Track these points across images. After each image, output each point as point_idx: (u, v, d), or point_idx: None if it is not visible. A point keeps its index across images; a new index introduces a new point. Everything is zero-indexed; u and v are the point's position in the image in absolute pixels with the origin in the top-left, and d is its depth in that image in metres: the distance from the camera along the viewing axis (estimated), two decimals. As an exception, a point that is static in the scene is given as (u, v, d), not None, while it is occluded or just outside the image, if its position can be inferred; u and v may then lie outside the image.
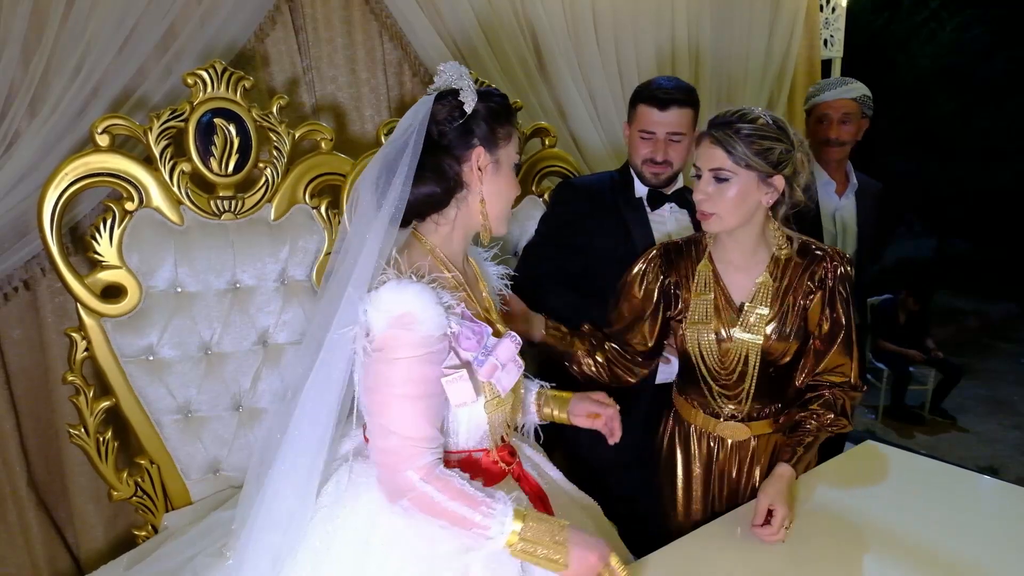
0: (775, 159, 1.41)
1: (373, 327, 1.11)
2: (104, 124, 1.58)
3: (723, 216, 1.44)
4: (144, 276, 1.63)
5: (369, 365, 1.13)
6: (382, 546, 1.15)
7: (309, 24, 2.27)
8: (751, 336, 1.51)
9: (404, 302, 1.10)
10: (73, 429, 1.63)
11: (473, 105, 1.19)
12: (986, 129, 7.25)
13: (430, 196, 1.20)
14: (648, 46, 2.90)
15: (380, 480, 1.15)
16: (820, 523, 1.43)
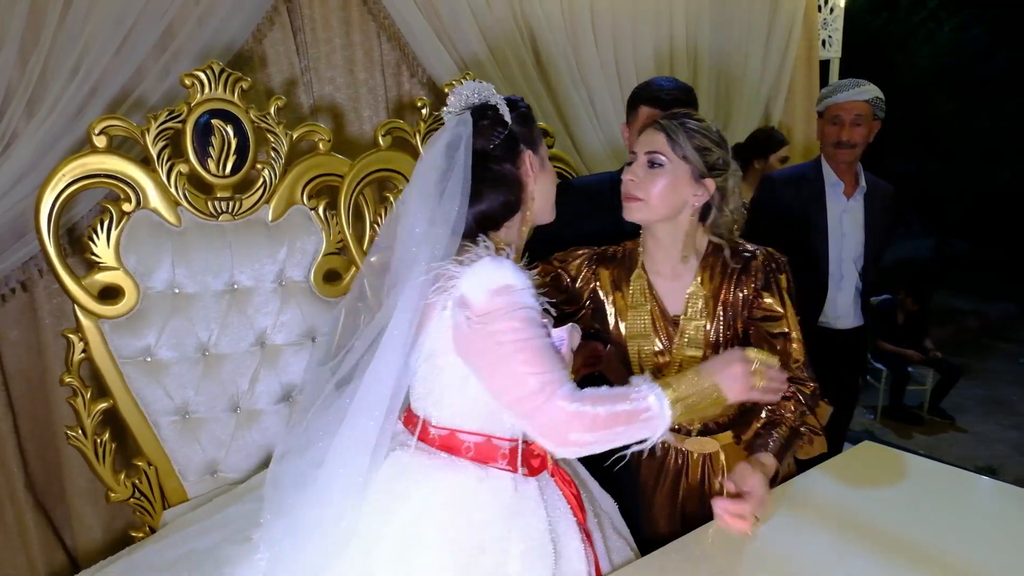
0: (711, 162, 1.40)
1: (472, 298, 1.13)
2: (101, 125, 1.58)
3: (649, 203, 1.40)
4: (141, 277, 1.63)
5: (476, 337, 1.13)
6: (433, 534, 1.16)
7: (307, 25, 2.27)
8: (693, 351, 1.46)
9: (503, 276, 1.14)
10: (70, 431, 1.62)
11: (511, 114, 1.25)
12: (985, 129, 7.25)
13: (505, 205, 1.25)
14: (646, 47, 2.91)
15: (538, 433, 1.15)
16: (817, 523, 1.42)
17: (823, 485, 1.58)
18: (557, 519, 1.26)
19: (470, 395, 1.20)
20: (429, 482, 1.19)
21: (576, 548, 1.26)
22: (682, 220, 1.44)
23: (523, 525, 1.20)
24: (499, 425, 1.24)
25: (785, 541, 1.36)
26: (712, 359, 1.26)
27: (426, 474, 1.20)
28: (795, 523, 1.43)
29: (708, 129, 1.41)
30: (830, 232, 2.31)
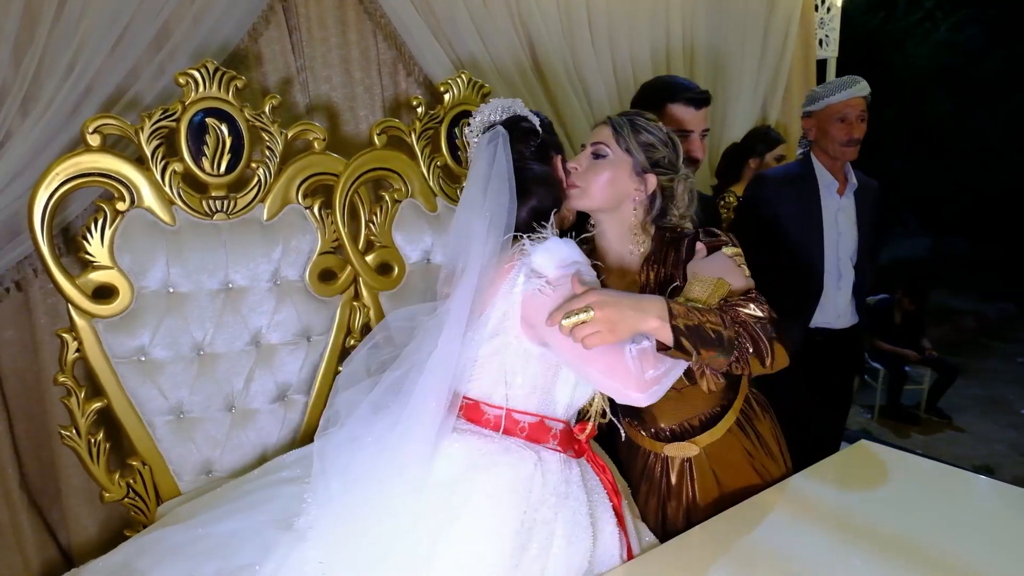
0: (655, 159, 1.44)
1: (545, 270, 1.23)
2: (95, 124, 1.57)
3: (587, 191, 1.43)
4: (136, 276, 1.62)
5: (551, 302, 1.20)
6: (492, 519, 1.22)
7: (303, 23, 2.26)
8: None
9: (571, 253, 1.26)
10: (64, 430, 1.62)
11: (540, 124, 1.43)
12: (982, 128, 7.26)
13: (554, 200, 1.40)
14: (643, 46, 2.90)
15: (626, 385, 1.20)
16: (814, 522, 1.43)
17: (819, 484, 1.58)
18: (596, 503, 1.35)
19: (530, 375, 1.28)
20: (492, 468, 1.25)
21: (611, 532, 1.34)
22: (625, 214, 1.47)
23: (568, 508, 1.28)
24: (552, 407, 1.32)
25: (782, 540, 1.37)
26: (697, 266, 1.34)
27: (489, 459, 1.26)
28: (792, 522, 1.43)
29: (658, 128, 1.47)
30: (826, 231, 2.31)
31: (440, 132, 2.01)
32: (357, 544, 1.19)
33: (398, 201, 1.93)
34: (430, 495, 1.22)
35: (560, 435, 1.34)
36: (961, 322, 6.95)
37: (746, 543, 1.37)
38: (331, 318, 1.87)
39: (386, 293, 1.91)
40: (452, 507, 1.22)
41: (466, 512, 1.21)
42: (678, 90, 1.86)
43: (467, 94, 2.05)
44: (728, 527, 1.42)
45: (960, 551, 1.31)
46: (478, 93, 2.07)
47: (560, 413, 1.34)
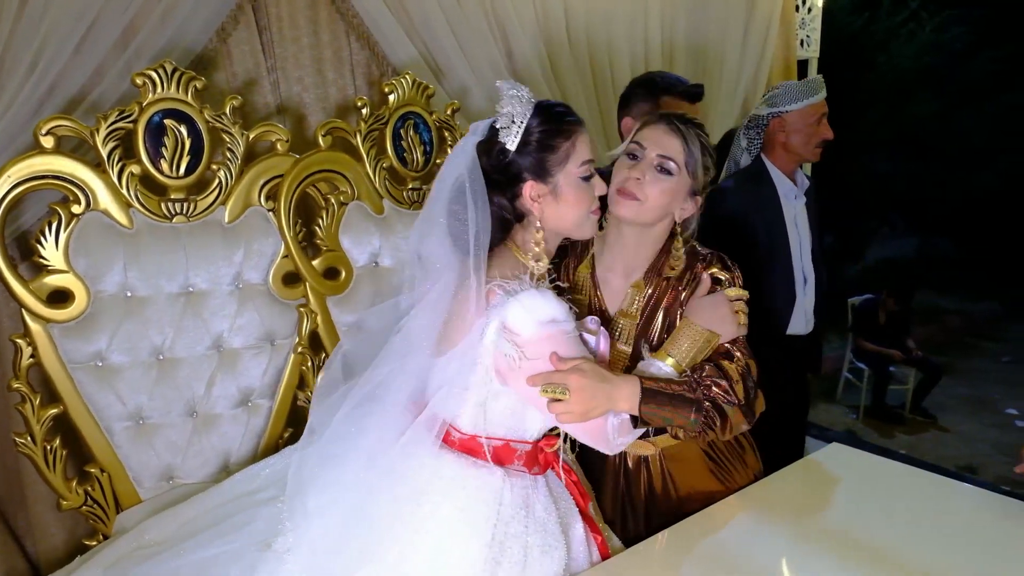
0: (706, 182, 1.39)
1: (521, 330, 1.16)
2: (48, 126, 1.54)
3: (645, 208, 1.35)
4: (92, 280, 1.60)
5: (529, 368, 1.17)
6: (465, 533, 1.20)
7: (274, 24, 2.24)
8: (623, 346, 1.43)
9: (549, 309, 1.17)
10: (19, 437, 1.59)
11: (517, 140, 1.20)
12: (967, 129, 7.28)
13: (498, 227, 1.24)
14: (622, 46, 2.89)
15: (595, 444, 1.25)
16: (782, 527, 1.42)
17: (790, 487, 1.57)
18: (564, 511, 1.33)
19: (499, 408, 1.25)
20: (462, 481, 1.23)
21: (581, 537, 1.33)
22: (658, 229, 1.40)
23: (538, 520, 1.26)
24: (523, 433, 1.29)
25: (748, 545, 1.36)
26: (696, 306, 1.34)
27: (458, 472, 1.24)
28: (759, 526, 1.42)
29: (712, 147, 1.39)
30: (789, 236, 2.26)
31: (385, 133, 1.97)
32: (334, 561, 1.18)
33: (344, 204, 1.90)
34: (401, 507, 1.21)
35: (526, 455, 1.31)
36: (947, 322, 6.97)
37: (711, 548, 1.36)
38: (295, 322, 1.84)
39: (333, 298, 1.87)
40: (421, 518, 1.20)
41: (435, 523, 1.20)
42: (674, 83, 1.84)
43: (411, 95, 2.03)
44: (694, 532, 1.40)
45: (927, 555, 1.31)
46: (422, 94, 2.05)
47: (530, 438, 1.31)
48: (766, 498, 1.51)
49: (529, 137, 1.20)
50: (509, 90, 1.22)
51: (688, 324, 1.33)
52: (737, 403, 1.30)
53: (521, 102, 1.21)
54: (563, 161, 1.23)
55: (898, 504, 1.50)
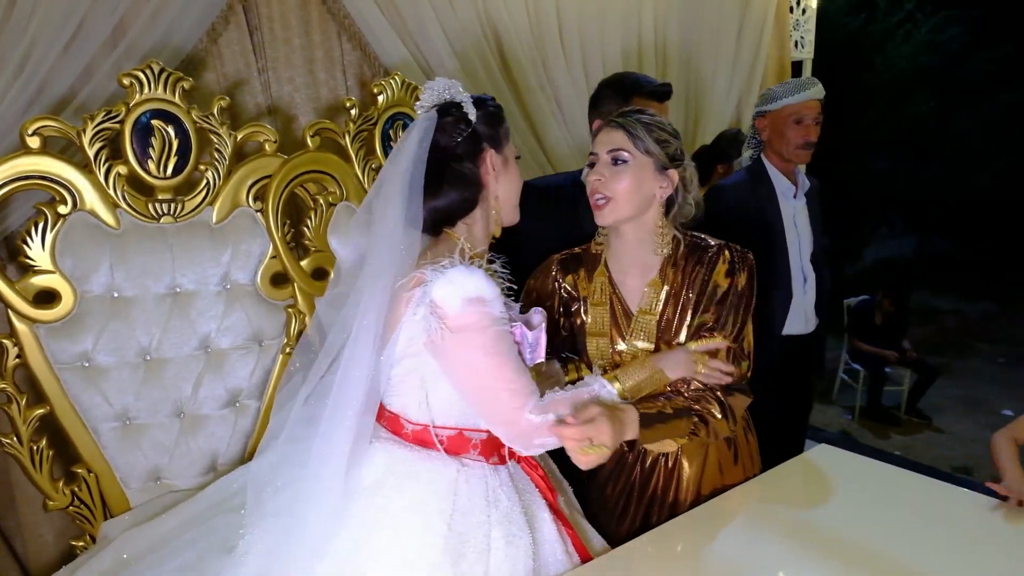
0: (671, 153, 1.43)
1: (446, 306, 1.17)
2: (34, 126, 1.54)
3: (619, 202, 1.41)
4: (79, 281, 1.60)
5: (449, 348, 1.18)
6: (421, 526, 1.20)
7: (264, 24, 2.24)
8: (644, 343, 1.47)
9: (476, 286, 1.18)
10: (5, 438, 1.59)
11: (476, 112, 1.29)
12: (964, 129, 7.29)
13: (462, 202, 1.29)
14: (615, 48, 2.88)
15: (508, 439, 1.25)
16: (768, 528, 1.42)
17: (775, 489, 1.57)
18: (529, 502, 1.33)
19: (443, 393, 1.26)
20: (414, 474, 1.24)
21: (551, 529, 1.33)
22: (649, 217, 1.45)
23: (501, 512, 1.26)
24: (474, 419, 1.29)
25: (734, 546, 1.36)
26: (657, 353, 1.40)
27: (410, 467, 1.25)
28: (746, 527, 1.43)
29: (662, 122, 1.44)
30: (787, 235, 2.28)
31: (374, 134, 1.97)
32: (290, 561, 1.18)
33: (333, 204, 1.89)
34: (354, 503, 1.21)
35: (482, 444, 1.31)
36: (943, 322, 6.97)
37: (697, 549, 1.36)
38: (283, 323, 1.84)
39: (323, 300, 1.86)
40: (374, 512, 1.21)
41: (388, 518, 1.20)
42: (641, 83, 1.84)
43: (400, 95, 2.02)
44: (680, 532, 1.40)
45: (911, 556, 1.31)
46: (412, 95, 2.05)
47: (484, 425, 1.31)
48: (752, 499, 1.52)
49: (481, 112, 1.30)
50: (446, 81, 1.31)
51: (645, 360, 1.41)
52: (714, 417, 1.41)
53: (457, 87, 1.31)
54: (507, 136, 1.35)
55: (884, 505, 1.50)
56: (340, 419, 1.18)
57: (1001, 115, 7.23)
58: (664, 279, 1.46)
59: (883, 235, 8.60)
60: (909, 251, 8.48)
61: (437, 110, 1.29)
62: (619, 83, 1.89)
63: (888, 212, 8.18)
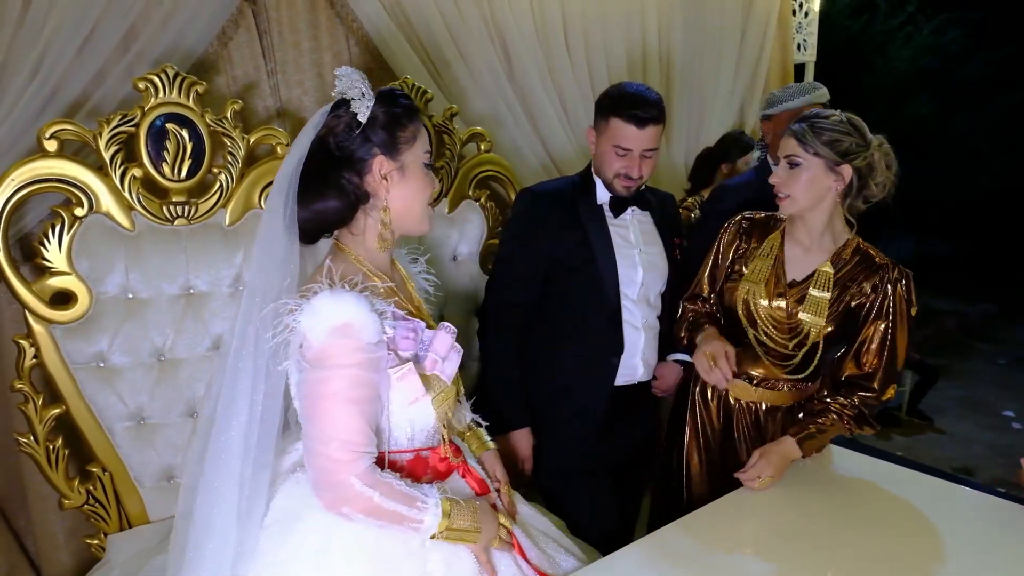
0: (843, 150, 1.59)
1: (310, 336, 1.11)
2: (52, 129, 1.56)
3: (795, 197, 1.62)
4: (94, 282, 1.62)
5: (306, 374, 1.14)
6: (341, 561, 1.15)
7: (274, 28, 2.25)
8: (814, 317, 1.66)
9: (342, 312, 1.11)
10: (22, 437, 1.61)
11: (367, 113, 1.18)
12: (964, 131, 7.32)
13: (336, 211, 1.21)
14: (619, 50, 2.90)
15: (317, 486, 1.15)
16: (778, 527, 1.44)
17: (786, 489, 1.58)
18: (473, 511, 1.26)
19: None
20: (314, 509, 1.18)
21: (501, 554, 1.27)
22: (826, 204, 1.64)
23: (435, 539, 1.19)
24: (396, 442, 1.24)
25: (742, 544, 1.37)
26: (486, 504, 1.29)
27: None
28: (752, 527, 1.43)
29: (835, 123, 1.60)
30: None
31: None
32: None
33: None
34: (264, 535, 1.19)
35: (411, 464, 1.26)
36: (943, 323, 6.99)
37: (702, 548, 1.36)
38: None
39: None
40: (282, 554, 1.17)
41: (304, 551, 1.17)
42: (623, 102, 1.79)
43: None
44: (684, 532, 1.41)
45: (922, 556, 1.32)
46: (421, 98, 2.06)
47: (405, 444, 1.25)
48: (760, 499, 1.53)
49: (378, 112, 1.20)
50: (351, 73, 1.22)
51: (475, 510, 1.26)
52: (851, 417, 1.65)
53: (365, 83, 1.21)
54: (410, 141, 1.24)
55: (891, 504, 1.52)
56: (225, 458, 1.15)
57: (1001, 117, 7.26)
58: (835, 266, 1.66)
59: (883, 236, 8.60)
60: (909, 252, 8.50)
61: (332, 105, 1.22)
62: (603, 95, 1.88)
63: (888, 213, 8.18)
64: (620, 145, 1.79)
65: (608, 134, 1.81)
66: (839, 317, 1.66)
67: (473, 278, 2.18)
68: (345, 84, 1.20)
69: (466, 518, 1.20)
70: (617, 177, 1.84)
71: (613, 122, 1.79)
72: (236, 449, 1.15)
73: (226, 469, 1.15)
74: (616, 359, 1.89)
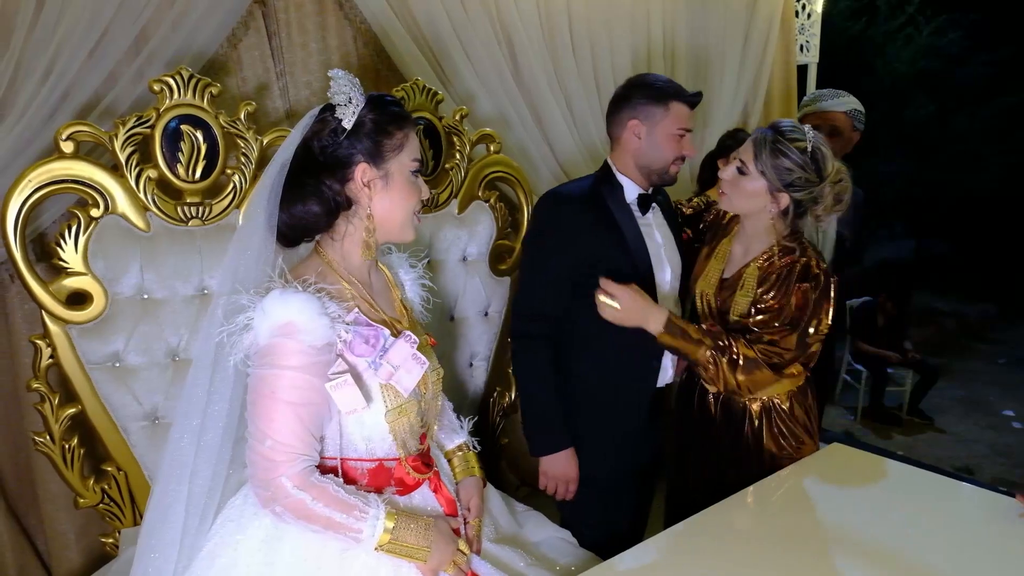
0: (789, 180, 1.60)
1: (258, 334, 1.13)
2: (68, 131, 1.57)
3: (732, 199, 1.69)
4: (110, 283, 1.63)
5: (252, 370, 1.15)
6: (286, 563, 1.16)
7: (283, 29, 2.27)
8: (737, 317, 1.70)
9: (287, 312, 1.11)
10: (38, 436, 1.62)
11: (353, 120, 1.18)
12: (963, 132, 7.35)
13: (314, 216, 1.21)
14: (624, 51, 2.92)
15: (252, 482, 1.16)
16: (783, 525, 1.44)
17: (789, 486, 1.59)
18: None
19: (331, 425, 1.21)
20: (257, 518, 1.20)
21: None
22: (762, 217, 1.68)
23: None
24: (353, 449, 1.23)
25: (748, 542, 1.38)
26: (446, 526, 1.27)
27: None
28: (758, 525, 1.44)
29: (795, 151, 1.59)
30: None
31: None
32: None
33: None
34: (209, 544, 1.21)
35: (372, 473, 1.25)
36: (943, 323, 7.02)
37: (711, 547, 1.36)
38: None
39: None
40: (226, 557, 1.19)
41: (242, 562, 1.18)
42: (670, 85, 1.79)
43: (421, 100, 2.04)
44: (693, 530, 1.41)
45: (929, 555, 1.33)
46: (432, 100, 2.07)
47: (374, 452, 1.25)
48: (767, 498, 1.54)
49: (365, 118, 1.19)
50: (343, 77, 1.20)
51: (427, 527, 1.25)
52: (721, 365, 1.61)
53: (355, 87, 1.20)
54: (397, 149, 1.23)
55: (899, 504, 1.52)
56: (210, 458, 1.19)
57: (999, 118, 7.29)
58: (761, 271, 1.68)
59: (881, 237, 8.64)
60: (908, 253, 8.53)
61: (320, 109, 1.22)
62: (661, 84, 1.83)
63: (888, 214, 8.23)
64: (684, 127, 1.78)
65: (670, 119, 1.76)
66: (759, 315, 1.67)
67: (483, 278, 2.19)
68: (335, 88, 1.19)
69: (414, 535, 1.18)
70: (676, 161, 1.81)
71: (675, 106, 1.76)
72: (188, 449, 1.18)
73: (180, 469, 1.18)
74: (657, 362, 1.84)
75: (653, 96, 1.78)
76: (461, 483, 1.44)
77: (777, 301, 1.63)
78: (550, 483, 1.82)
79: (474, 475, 1.46)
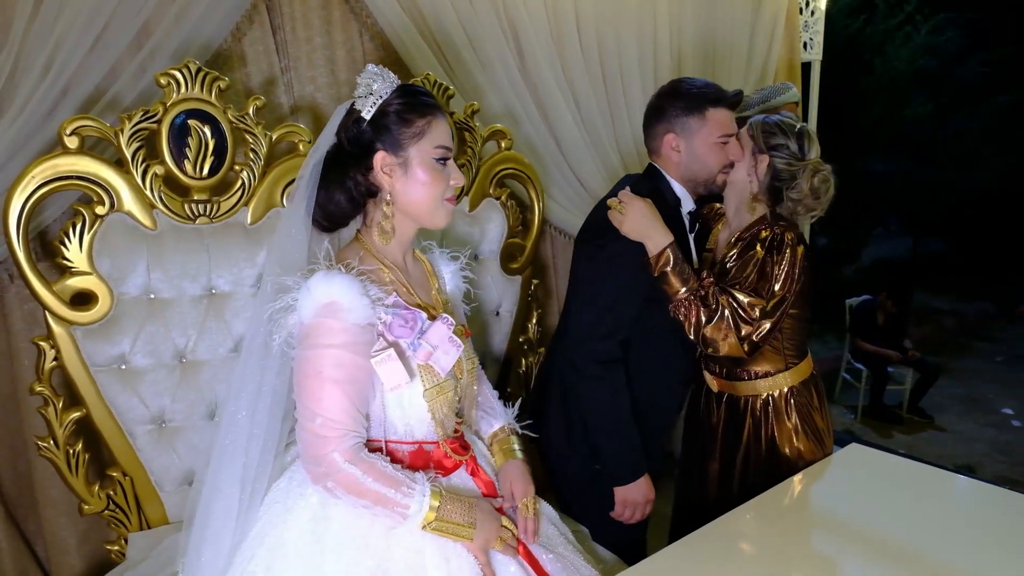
0: (774, 143, 1.65)
1: (303, 314, 1.16)
2: (73, 125, 1.53)
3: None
4: (115, 282, 1.58)
5: (297, 351, 1.18)
6: (335, 540, 1.17)
7: (287, 23, 2.23)
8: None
9: (331, 291, 1.15)
10: (41, 441, 1.57)
11: (372, 110, 1.24)
12: (961, 130, 7.36)
13: (340, 204, 1.27)
14: (630, 48, 2.89)
15: (304, 459, 1.19)
16: (807, 526, 1.43)
17: (812, 488, 1.57)
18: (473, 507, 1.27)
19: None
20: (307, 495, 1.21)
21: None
22: (743, 191, 1.70)
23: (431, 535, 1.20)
24: (393, 430, 1.26)
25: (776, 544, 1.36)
26: (489, 505, 1.29)
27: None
28: (783, 524, 1.42)
29: (783, 123, 1.67)
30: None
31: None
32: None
33: None
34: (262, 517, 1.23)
35: (412, 456, 1.27)
36: (941, 322, 7.03)
37: (733, 548, 1.35)
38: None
39: None
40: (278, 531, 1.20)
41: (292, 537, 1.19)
42: (715, 91, 1.67)
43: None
44: (715, 531, 1.39)
45: (946, 551, 1.32)
46: (443, 95, 2.04)
47: (413, 435, 1.28)
48: (786, 500, 1.52)
49: (387, 109, 1.24)
50: (373, 70, 1.26)
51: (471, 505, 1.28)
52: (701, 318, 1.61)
53: (384, 80, 1.25)
54: (417, 137, 1.25)
55: (921, 503, 1.51)
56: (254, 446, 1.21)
57: (998, 117, 7.31)
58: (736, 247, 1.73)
59: (880, 236, 8.66)
60: (906, 251, 8.55)
61: (351, 102, 1.27)
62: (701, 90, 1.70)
63: (885, 213, 8.25)
64: (726, 132, 1.66)
65: (708, 128, 1.64)
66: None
67: (494, 277, 2.15)
68: (359, 80, 1.27)
69: (459, 513, 1.20)
70: (724, 169, 1.70)
71: (713, 113, 1.64)
72: (244, 424, 1.20)
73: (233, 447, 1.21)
74: (686, 388, 1.84)
75: (686, 106, 1.65)
76: (504, 468, 1.43)
77: (736, 261, 1.70)
78: (628, 510, 1.71)
79: (517, 458, 1.45)
